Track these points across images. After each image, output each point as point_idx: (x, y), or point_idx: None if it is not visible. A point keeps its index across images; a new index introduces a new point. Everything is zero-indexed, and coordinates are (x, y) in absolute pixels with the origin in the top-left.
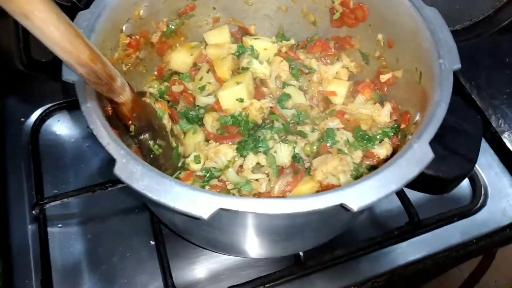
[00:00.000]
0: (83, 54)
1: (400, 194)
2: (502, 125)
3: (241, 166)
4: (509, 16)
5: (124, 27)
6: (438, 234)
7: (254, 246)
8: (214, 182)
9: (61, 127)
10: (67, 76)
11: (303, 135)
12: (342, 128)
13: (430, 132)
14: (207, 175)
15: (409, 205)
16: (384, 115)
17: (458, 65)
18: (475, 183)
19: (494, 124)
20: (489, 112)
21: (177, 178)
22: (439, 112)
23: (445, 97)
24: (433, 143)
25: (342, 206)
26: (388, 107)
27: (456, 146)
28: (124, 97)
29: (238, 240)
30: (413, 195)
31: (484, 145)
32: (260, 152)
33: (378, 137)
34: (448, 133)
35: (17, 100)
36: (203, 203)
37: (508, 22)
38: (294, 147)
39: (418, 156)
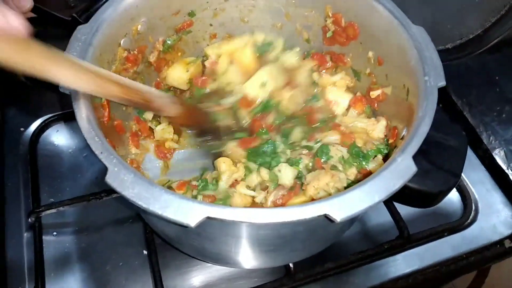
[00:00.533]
0: (112, 91)
1: (390, 208)
2: (493, 142)
3: (236, 180)
4: (497, 36)
5: (122, 41)
6: (428, 249)
7: (243, 256)
8: (208, 192)
9: (60, 137)
10: (64, 87)
11: (309, 148)
12: (338, 144)
13: (414, 146)
14: (202, 184)
15: (399, 220)
16: (378, 130)
17: (442, 82)
18: (466, 198)
19: (485, 141)
20: (480, 129)
21: (170, 187)
22: (423, 127)
23: (429, 113)
24: (419, 158)
25: (326, 217)
26: (383, 122)
27: (441, 161)
28: (168, 112)
29: (227, 250)
30: (404, 210)
31: (476, 161)
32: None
33: (371, 153)
34: (433, 148)
35: (18, 110)
36: (190, 212)
37: (496, 41)
38: (299, 170)
39: (402, 169)
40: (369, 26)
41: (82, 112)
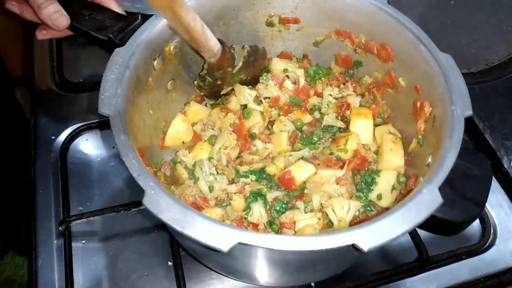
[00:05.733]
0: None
1: (411, 231)
2: None
3: None
4: None
5: (155, 63)
6: (446, 271)
7: (267, 275)
8: None
9: (89, 146)
10: (102, 109)
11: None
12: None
13: (440, 177)
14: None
15: (419, 242)
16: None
17: (469, 112)
18: (485, 222)
19: (505, 165)
20: (501, 153)
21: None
22: (449, 159)
23: (455, 144)
24: (443, 186)
25: (353, 246)
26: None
27: (465, 190)
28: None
29: (252, 269)
30: (424, 232)
31: (495, 185)
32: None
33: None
34: (458, 177)
35: (49, 118)
36: (223, 237)
37: None
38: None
39: (428, 200)
40: (397, 52)
41: (121, 135)
